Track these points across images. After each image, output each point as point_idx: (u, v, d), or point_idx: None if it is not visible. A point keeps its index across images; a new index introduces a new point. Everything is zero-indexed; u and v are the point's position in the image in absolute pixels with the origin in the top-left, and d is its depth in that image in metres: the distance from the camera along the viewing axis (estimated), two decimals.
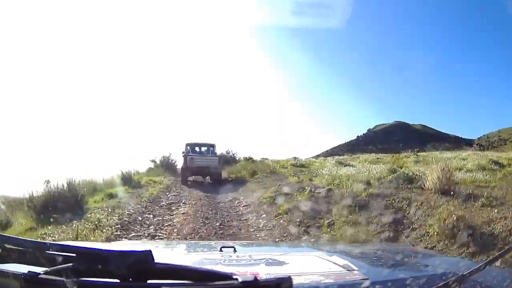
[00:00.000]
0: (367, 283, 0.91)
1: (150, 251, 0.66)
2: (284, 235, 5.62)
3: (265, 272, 1.03)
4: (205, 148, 15.90)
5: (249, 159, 19.34)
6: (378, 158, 15.11)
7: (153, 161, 18.63)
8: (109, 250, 0.70)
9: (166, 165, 18.05)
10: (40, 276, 0.71)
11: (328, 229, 5.51)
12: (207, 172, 14.45)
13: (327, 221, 5.75)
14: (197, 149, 15.83)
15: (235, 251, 1.44)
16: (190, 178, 14.54)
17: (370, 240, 4.81)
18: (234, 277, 0.64)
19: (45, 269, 0.72)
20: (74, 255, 0.72)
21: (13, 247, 0.79)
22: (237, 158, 21.05)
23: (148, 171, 16.58)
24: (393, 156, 15.39)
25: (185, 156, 14.40)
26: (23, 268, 0.74)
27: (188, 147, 15.44)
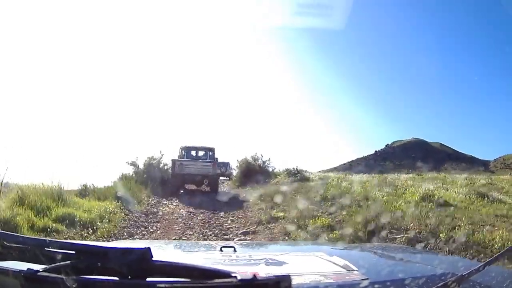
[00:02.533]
0: (366, 283, 0.91)
1: (149, 248, 0.66)
2: None
3: (265, 272, 1.03)
4: (203, 152, 13.89)
5: (297, 173, 12.53)
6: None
7: (134, 164, 12.82)
8: (108, 247, 0.70)
9: (153, 172, 12.80)
10: (39, 273, 0.71)
11: None
12: (200, 181, 12.61)
13: None
14: (193, 153, 13.96)
15: (235, 251, 1.44)
16: (183, 189, 12.58)
17: None
18: (233, 275, 0.64)
19: (44, 266, 0.72)
20: (73, 252, 0.72)
21: (12, 244, 0.79)
22: (270, 170, 14.64)
23: (117, 183, 9.91)
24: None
25: (173, 162, 12.49)
26: (22, 266, 0.74)
27: (183, 152, 13.61)
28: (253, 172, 13.81)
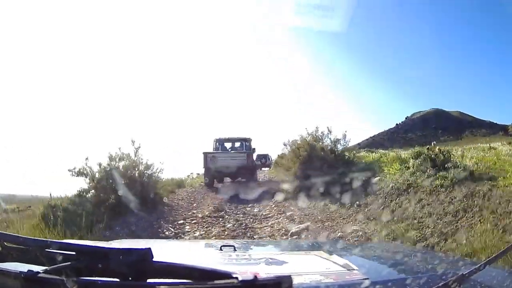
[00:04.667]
0: (367, 282, 0.91)
1: (149, 249, 0.66)
2: None
3: (265, 271, 1.03)
4: (238, 143, 13.12)
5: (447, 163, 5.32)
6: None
7: (84, 173, 6.35)
8: (109, 248, 0.70)
9: (122, 187, 6.19)
10: (40, 275, 0.71)
11: None
12: (234, 173, 11.76)
13: None
14: (227, 145, 13.26)
15: (235, 250, 1.44)
16: (219, 184, 11.86)
17: None
18: (234, 275, 0.64)
19: (45, 268, 0.72)
20: (74, 253, 0.72)
21: (13, 245, 0.78)
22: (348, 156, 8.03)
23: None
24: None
25: (204, 155, 11.67)
26: (22, 267, 0.74)
27: (217, 144, 12.90)
28: (318, 161, 7.79)
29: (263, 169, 21.64)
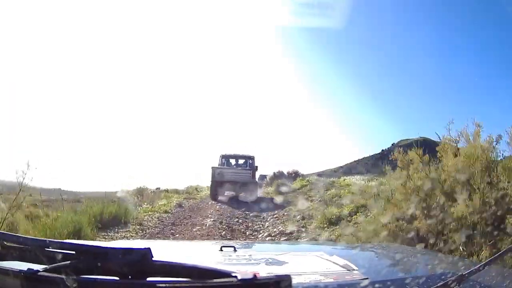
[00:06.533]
0: (366, 282, 0.91)
1: (149, 248, 0.66)
2: None
3: (265, 271, 1.03)
4: (243, 160, 14.47)
5: None
6: None
7: None
8: (109, 247, 0.70)
9: None
10: (39, 273, 0.71)
11: None
12: (239, 188, 12.79)
13: None
14: (232, 161, 14.59)
15: (235, 250, 1.44)
16: (222, 197, 12.62)
17: None
18: (233, 274, 0.64)
19: (44, 266, 0.72)
20: (73, 252, 0.72)
21: (12, 244, 0.79)
22: None
23: None
24: None
25: (213, 169, 13.12)
26: (22, 266, 0.74)
27: (223, 160, 14.25)
28: None
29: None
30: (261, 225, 8.05)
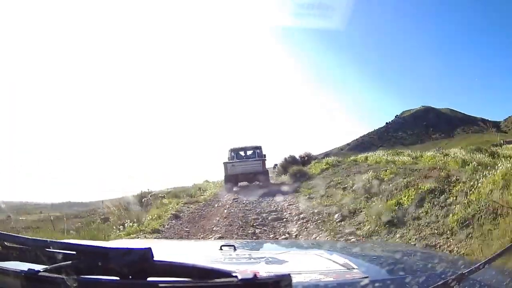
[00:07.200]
0: (366, 281, 0.91)
1: (149, 248, 0.66)
2: None
3: (265, 270, 1.03)
4: (251, 151, 15.23)
5: None
6: None
7: None
8: (109, 247, 0.70)
9: None
10: (40, 274, 0.71)
11: None
12: (252, 178, 13.86)
13: None
14: (241, 153, 15.21)
15: (235, 249, 1.44)
16: (236, 188, 13.52)
17: None
18: (234, 274, 0.64)
19: (45, 267, 0.72)
20: (74, 252, 0.72)
21: (13, 245, 0.79)
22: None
23: None
24: None
25: (225, 165, 13.88)
26: (23, 266, 0.74)
27: (233, 153, 14.86)
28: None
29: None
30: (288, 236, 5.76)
